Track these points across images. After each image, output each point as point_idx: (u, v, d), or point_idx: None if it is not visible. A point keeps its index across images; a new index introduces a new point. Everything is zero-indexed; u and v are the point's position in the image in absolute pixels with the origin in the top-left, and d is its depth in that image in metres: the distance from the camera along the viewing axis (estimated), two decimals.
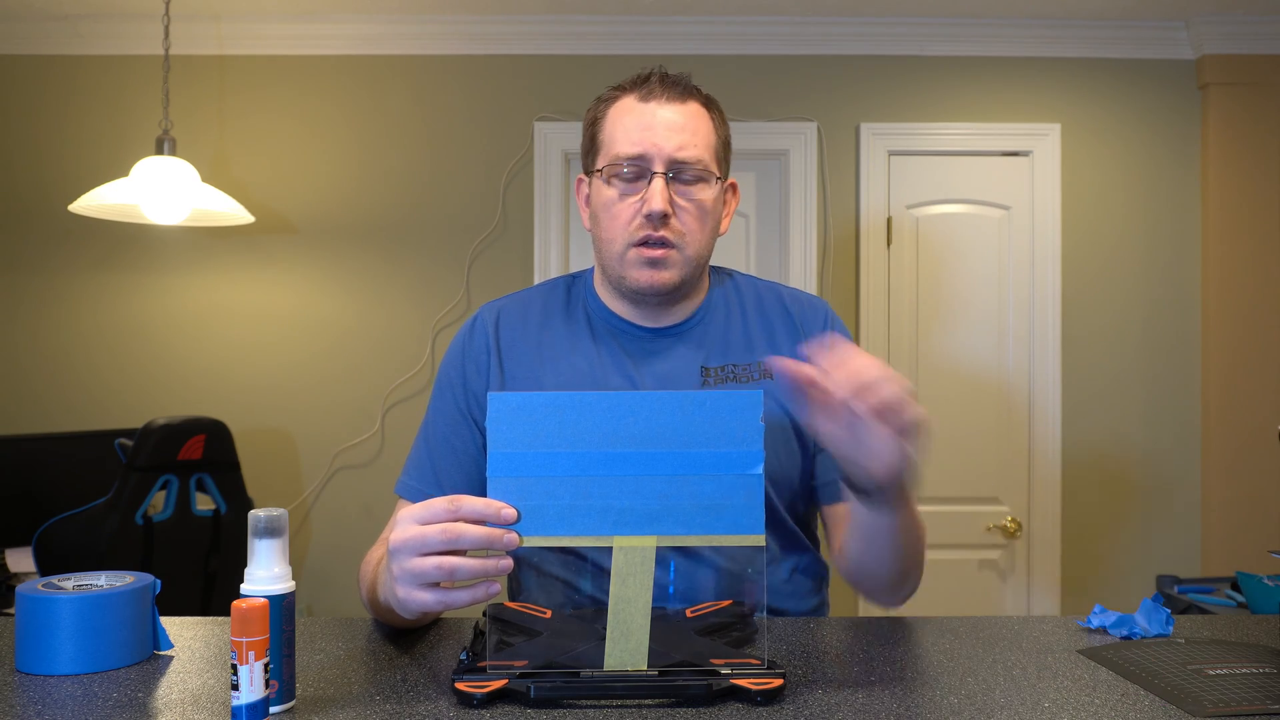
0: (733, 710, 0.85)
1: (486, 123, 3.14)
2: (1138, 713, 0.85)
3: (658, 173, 1.18)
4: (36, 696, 0.88)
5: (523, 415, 0.91)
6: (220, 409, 2.99)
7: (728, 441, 0.91)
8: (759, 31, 3.09)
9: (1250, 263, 3.06)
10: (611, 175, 1.20)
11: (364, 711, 0.85)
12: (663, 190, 1.17)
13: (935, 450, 3.11)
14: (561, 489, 0.90)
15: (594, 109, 1.26)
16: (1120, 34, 3.09)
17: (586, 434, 0.91)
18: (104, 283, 3.13)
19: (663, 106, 1.20)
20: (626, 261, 1.21)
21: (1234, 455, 3.04)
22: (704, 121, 1.22)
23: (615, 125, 1.21)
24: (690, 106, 1.21)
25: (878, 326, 3.11)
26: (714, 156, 1.22)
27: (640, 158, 1.18)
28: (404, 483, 1.28)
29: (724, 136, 1.26)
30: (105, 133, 3.12)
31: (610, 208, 1.21)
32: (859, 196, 3.12)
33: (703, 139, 1.21)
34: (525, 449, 0.90)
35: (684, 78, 1.24)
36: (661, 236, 1.19)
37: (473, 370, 1.27)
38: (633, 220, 1.20)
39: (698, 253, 1.22)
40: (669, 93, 1.21)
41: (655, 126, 1.18)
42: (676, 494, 0.90)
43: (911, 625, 1.15)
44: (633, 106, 1.21)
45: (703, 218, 1.21)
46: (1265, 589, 2.05)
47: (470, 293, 3.11)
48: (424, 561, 0.86)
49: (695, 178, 1.20)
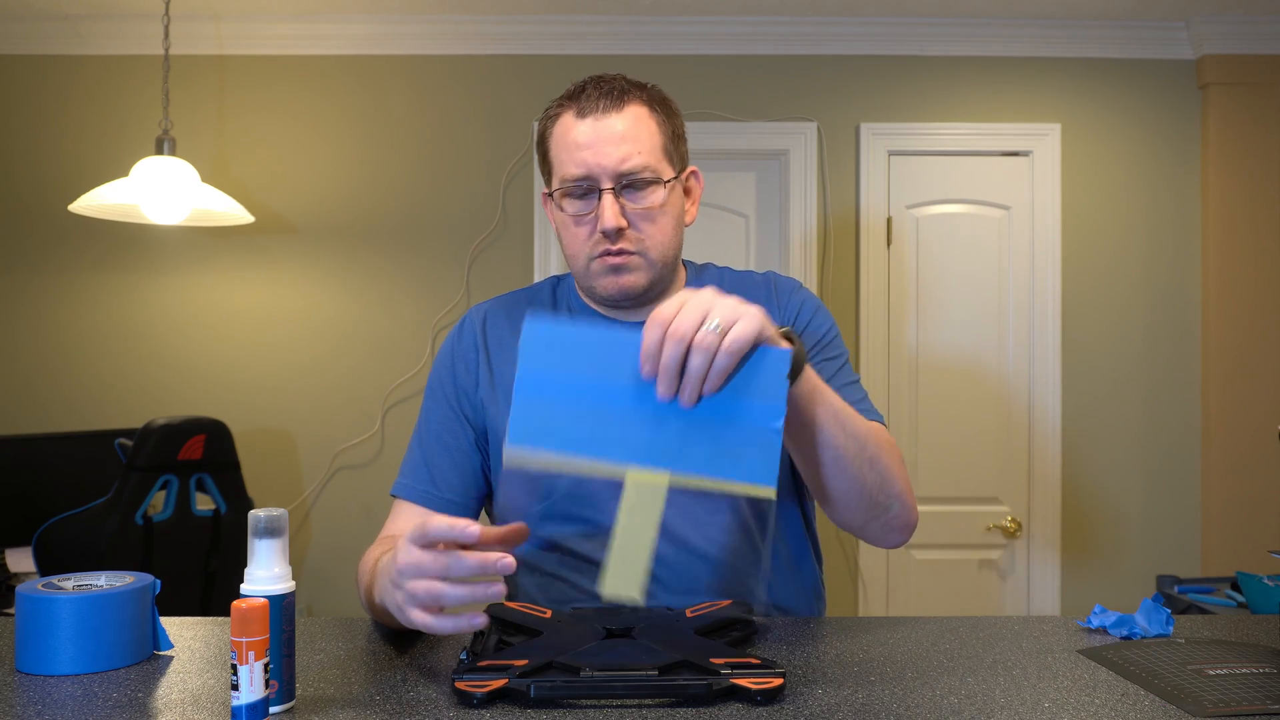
0: (733, 710, 0.85)
1: (486, 123, 3.14)
2: (1138, 713, 0.85)
3: (606, 189, 1.17)
4: (36, 696, 0.88)
5: (554, 343, 0.92)
6: (220, 409, 2.99)
7: (752, 394, 0.91)
8: (759, 31, 3.09)
9: (1250, 262, 3.06)
10: (562, 197, 1.21)
11: (364, 711, 0.85)
12: (612, 205, 1.17)
13: (935, 450, 3.11)
14: (583, 414, 0.91)
15: (541, 124, 1.26)
16: (1120, 34, 3.09)
17: (613, 369, 0.92)
18: (104, 283, 3.13)
19: (600, 120, 1.18)
20: (592, 273, 1.22)
21: (1234, 455, 3.04)
22: (645, 124, 1.20)
23: (559, 146, 1.21)
24: (629, 111, 1.19)
25: (878, 326, 3.11)
26: (662, 156, 1.21)
27: (586, 178, 1.18)
28: (399, 482, 1.29)
29: (671, 130, 1.23)
30: (105, 133, 3.12)
31: (568, 227, 1.22)
32: (859, 196, 3.12)
33: (646, 143, 1.19)
34: (552, 372, 0.92)
35: (618, 80, 1.21)
36: (620, 248, 1.19)
37: (462, 369, 1.29)
38: (590, 237, 1.20)
39: (661, 255, 1.22)
40: (605, 101, 1.18)
41: (595, 143, 1.17)
42: (695, 436, 0.91)
43: (911, 625, 1.15)
44: (572, 124, 1.19)
45: (660, 221, 1.21)
46: (1265, 589, 2.05)
47: (470, 293, 3.11)
48: (417, 585, 0.88)
49: (644, 184, 1.19)
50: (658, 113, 1.22)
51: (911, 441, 3.11)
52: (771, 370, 0.91)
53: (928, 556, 3.09)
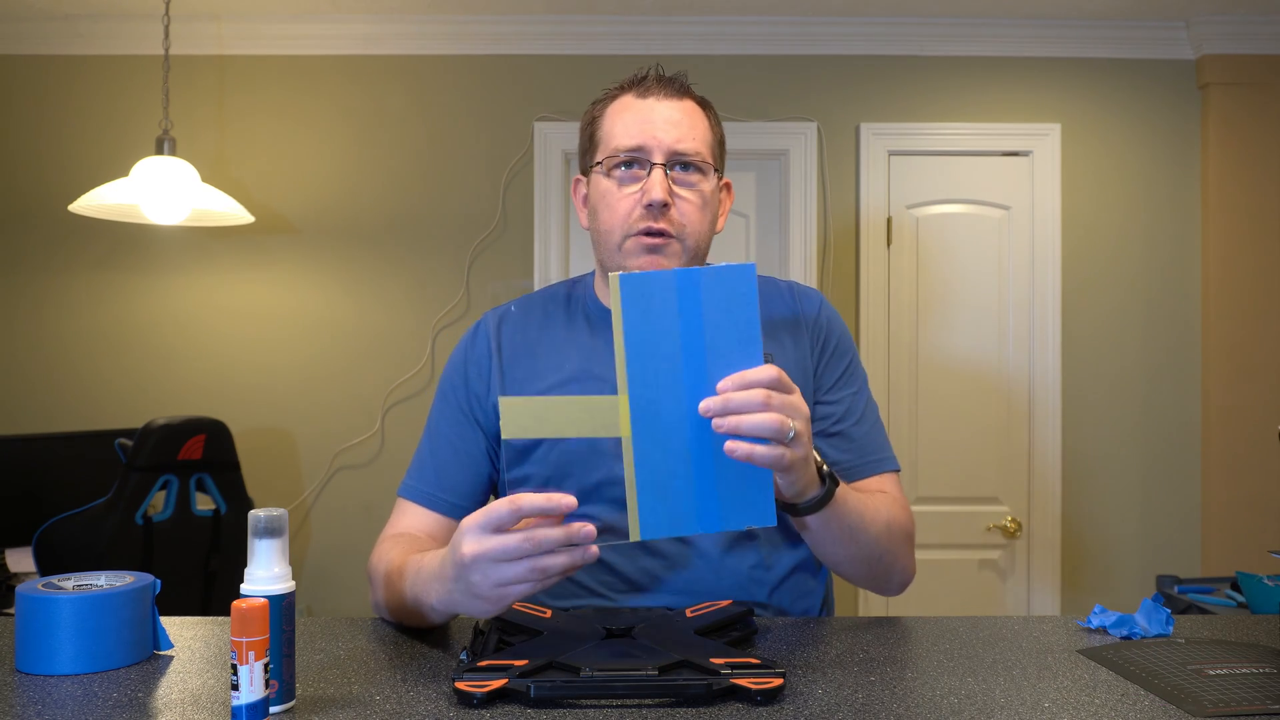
0: (733, 710, 0.85)
1: (486, 123, 3.14)
2: (1138, 713, 0.85)
3: (657, 164, 1.19)
4: (36, 696, 0.88)
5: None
6: (220, 409, 2.99)
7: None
8: (759, 31, 3.09)
9: (1250, 262, 3.06)
10: (611, 167, 1.21)
11: (364, 711, 0.85)
12: (662, 180, 1.18)
13: (935, 450, 3.11)
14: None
15: (591, 110, 1.28)
16: (1120, 34, 3.09)
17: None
18: (104, 283, 3.13)
19: (660, 102, 1.22)
20: (625, 251, 1.21)
21: (1234, 455, 3.04)
22: (700, 118, 1.24)
23: (614, 121, 1.22)
24: (686, 104, 1.24)
25: (878, 326, 3.11)
26: (710, 151, 1.24)
27: (639, 149, 1.20)
28: (407, 484, 1.29)
29: (719, 135, 1.28)
30: (105, 133, 3.12)
31: (609, 199, 1.21)
32: (859, 196, 3.12)
33: (700, 134, 1.22)
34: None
35: (680, 77, 1.26)
36: (661, 228, 1.19)
37: (474, 373, 1.28)
38: (632, 211, 1.20)
39: (697, 244, 1.22)
40: (666, 90, 1.23)
41: (654, 120, 1.20)
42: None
43: (911, 625, 1.15)
44: (630, 103, 1.23)
45: (702, 208, 1.22)
46: (1265, 589, 2.05)
47: (470, 293, 3.11)
48: (513, 568, 0.89)
49: (694, 168, 1.21)
50: (710, 116, 1.27)
51: (911, 441, 3.11)
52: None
53: (928, 556, 3.09)
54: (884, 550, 1.17)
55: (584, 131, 1.28)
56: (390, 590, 1.11)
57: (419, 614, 1.05)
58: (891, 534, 1.18)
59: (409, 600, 1.06)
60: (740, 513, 0.94)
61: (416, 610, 1.05)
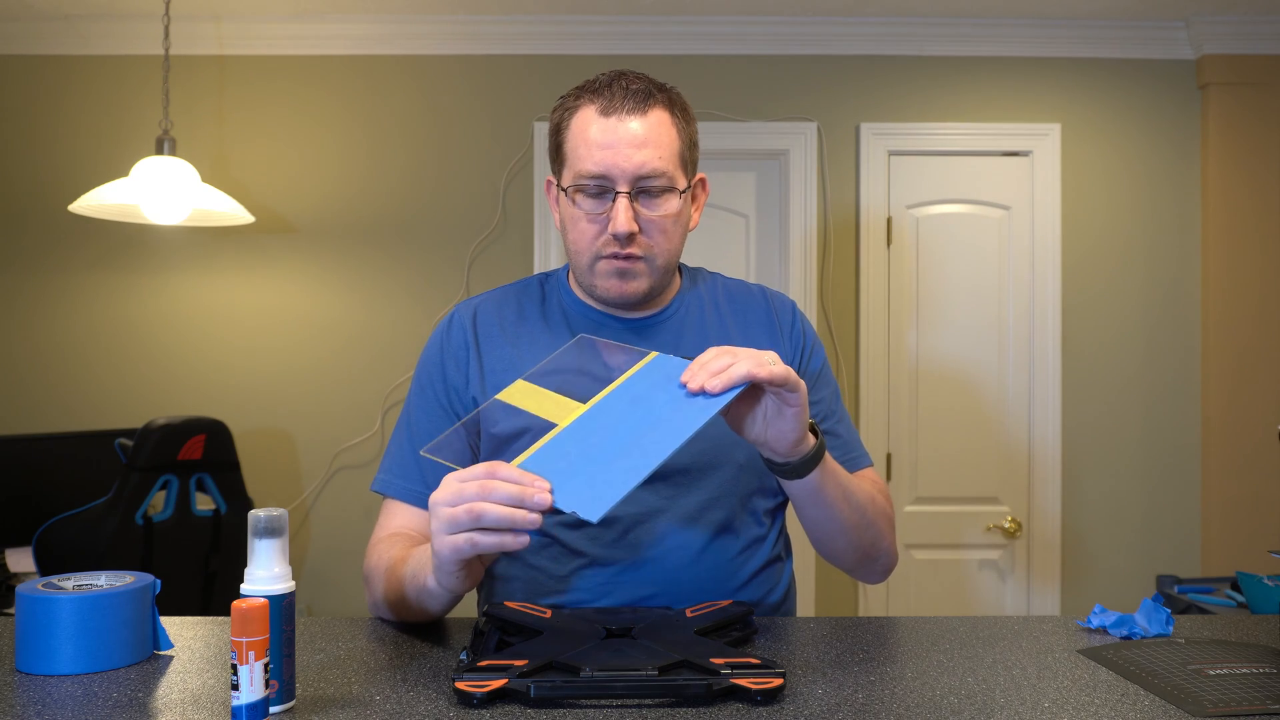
0: (733, 710, 0.85)
1: (486, 123, 3.14)
2: (1138, 713, 0.85)
3: (621, 192, 1.17)
4: (36, 696, 0.88)
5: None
6: (220, 409, 2.99)
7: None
8: (759, 31, 3.09)
9: (1251, 263, 3.06)
10: (575, 193, 1.20)
11: (364, 711, 0.85)
12: (626, 209, 1.17)
13: (935, 450, 3.11)
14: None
15: (557, 112, 1.25)
16: (1120, 34, 3.09)
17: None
18: (104, 283, 3.13)
19: (624, 121, 1.18)
20: (596, 272, 1.22)
21: (1234, 455, 3.04)
22: (666, 130, 1.20)
23: (578, 139, 1.20)
24: (652, 116, 1.19)
25: (877, 326, 3.11)
26: (679, 164, 1.21)
27: (603, 177, 1.18)
28: (386, 480, 1.28)
29: (689, 137, 1.24)
30: (105, 133, 3.12)
31: (577, 223, 1.22)
32: (859, 196, 3.12)
33: (666, 149, 1.19)
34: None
35: (644, 82, 1.21)
36: (628, 253, 1.19)
37: (453, 367, 1.28)
38: (599, 237, 1.20)
39: (666, 262, 1.24)
40: (629, 103, 1.18)
41: (617, 144, 1.17)
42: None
43: (911, 625, 1.15)
44: (593, 120, 1.19)
45: (671, 226, 1.22)
46: (1265, 589, 2.05)
47: (470, 292, 3.11)
48: (456, 509, 0.91)
49: (660, 190, 1.19)
50: (678, 118, 1.22)
51: (911, 441, 3.11)
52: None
53: (928, 556, 3.09)
54: (870, 521, 1.20)
55: (551, 135, 1.26)
56: (391, 582, 1.11)
57: (419, 601, 1.06)
58: (876, 506, 1.22)
59: (409, 587, 1.06)
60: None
61: (416, 597, 1.05)
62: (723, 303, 1.33)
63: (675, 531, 1.20)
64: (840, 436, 1.30)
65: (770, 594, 1.27)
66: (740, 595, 1.23)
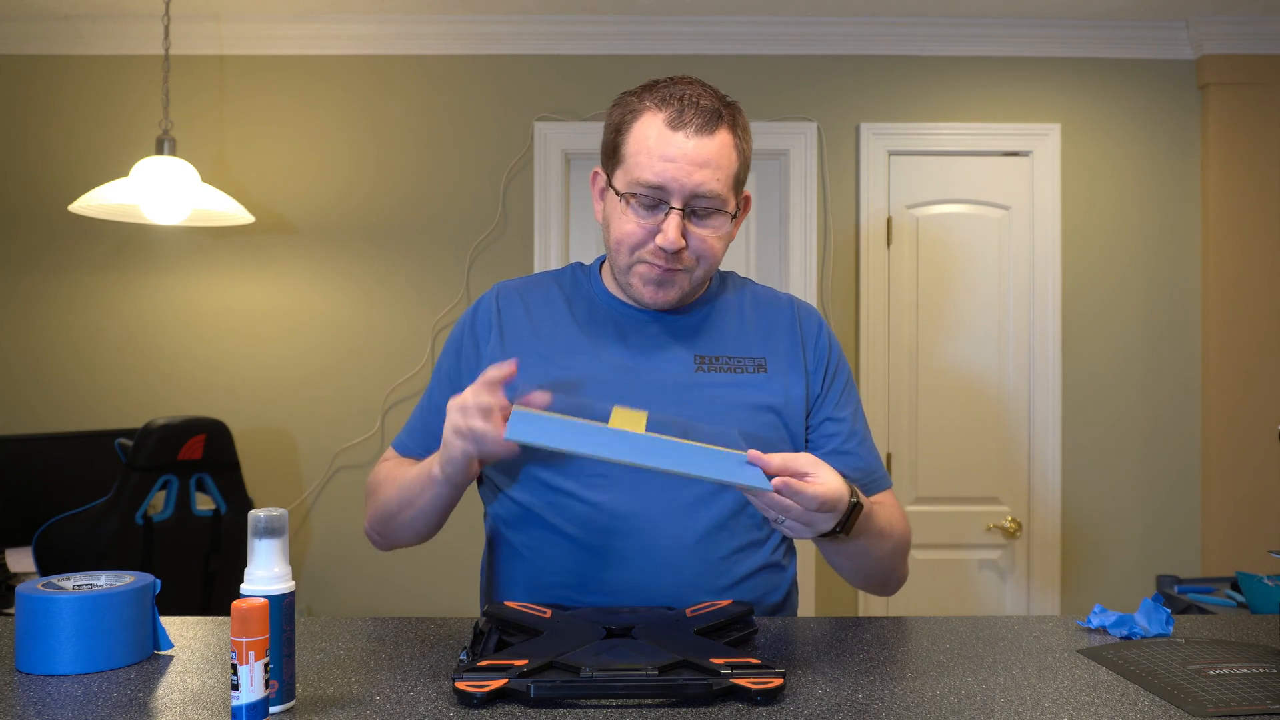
0: (733, 710, 0.85)
1: (486, 123, 3.14)
2: (1138, 713, 0.85)
3: (675, 208, 1.19)
4: (36, 696, 0.88)
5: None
6: (220, 409, 2.99)
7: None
8: (759, 31, 3.09)
9: (1250, 262, 3.06)
10: (630, 198, 1.21)
11: (364, 711, 0.85)
12: (678, 226, 1.19)
13: (935, 449, 3.11)
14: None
15: (620, 110, 1.25)
16: (1120, 34, 3.09)
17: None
18: (104, 283, 3.13)
19: (690, 138, 1.18)
20: (634, 273, 1.24)
21: (1234, 455, 3.04)
22: (728, 153, 1.21)
23: (639, 144, 1.20)
24: (718, 137, 1.19)
25: (877, 326, 3.11)
26: (732, 186, 1.23)
27: (660, 189, 1.19)
28: (401, 440, 1.37)
29: (745, 158, 1.25)
30: (105, 133, 3.12)
31: (624, 224, 1.22)
32: (859, 196, 3.12)
33: (725, 171, 1.20)
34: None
35: (713, 98, 1.21)
36: (671, 266, 1.22)
37: (469, 343, 1.33)
38: (645, 244, 1.22)
39: (705, 273, 1.26)
40: (699, 121, 1.18)
41: (679, 159, 1.18)
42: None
43: (911, 625, 1.15)
44: (659, 130, 1.19)
45: (717, 242, 1.24)
46: (1265, 589, 2.05)
47: (470, 293, 3.11)
48: (454, 401, 1.10)
49: (711, 210, 1.21)
50: (739, 139, 1.23)
51: (911, 441, 3.11)
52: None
53: (928, 556, 3.09)
54: (891, 560, 1.26)
55: (608, 130, 1.26)
56: (394, 481, 1.24)
57: (419, 496, 1.18)
58: (899, 541, 1.26)
59: (413, 484, 1.19)
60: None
61: (418, 492, 1.18)
62: (748, 309, 1.35)
63: (667, 523, 1.20)
64: (862, 459, 1.31)
65: (768, 596, 1.27)
66: (732, 595, 1.23)
